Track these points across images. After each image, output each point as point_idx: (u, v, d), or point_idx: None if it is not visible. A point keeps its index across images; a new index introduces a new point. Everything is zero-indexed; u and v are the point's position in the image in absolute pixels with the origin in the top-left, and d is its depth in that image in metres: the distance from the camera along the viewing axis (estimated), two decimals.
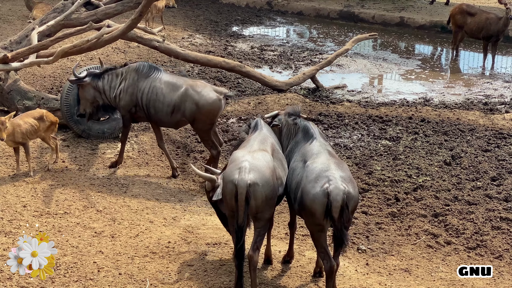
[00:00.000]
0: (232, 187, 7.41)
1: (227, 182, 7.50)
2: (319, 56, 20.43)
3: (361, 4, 27.67)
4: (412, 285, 8.33)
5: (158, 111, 10.98)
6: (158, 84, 11.01)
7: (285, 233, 9.40)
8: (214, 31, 23.61)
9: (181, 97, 10.89)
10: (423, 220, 10.10)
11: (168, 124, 11.37)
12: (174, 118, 11.03)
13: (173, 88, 10.98)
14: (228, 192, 7.48)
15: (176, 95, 10.91)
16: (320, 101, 15.95)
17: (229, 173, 7.54)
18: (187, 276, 8.13)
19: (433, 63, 21.20)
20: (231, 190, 7.42)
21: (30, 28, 14.59)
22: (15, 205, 9.69)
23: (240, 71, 16.09)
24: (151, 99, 10.96)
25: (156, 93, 10.94)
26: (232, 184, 7.41)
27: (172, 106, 10.91)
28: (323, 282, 8.07)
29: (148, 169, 11.52)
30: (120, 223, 9.46)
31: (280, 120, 8.51)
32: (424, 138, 13.48)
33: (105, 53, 18.22)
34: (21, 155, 10.92)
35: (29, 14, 22.24)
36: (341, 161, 7.80)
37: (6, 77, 13.02)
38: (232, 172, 7.49)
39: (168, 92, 10.94)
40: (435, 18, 25.19)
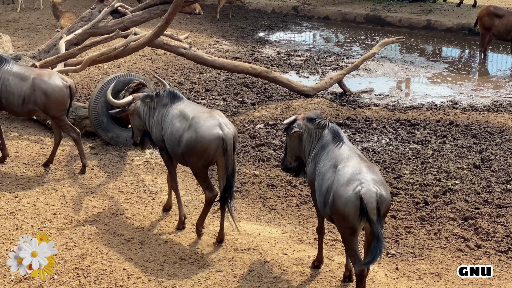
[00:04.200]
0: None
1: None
2: (346, 61, 20.39)
3: (387, 8, 27.59)
4: None
5: (9, 102, 11.11)
6: (7, 76, 11.10)
7: (313, 238, 9.38)
8: (240, 37, 23.63)
9: (30, 88, 11.01)
10: (453, 223, 10.03)
11: (22, 114, 11.55)
12: (26, 108, 11.15)
13: (22, 79, 11.08)
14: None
15: (26, 86, 11.02)
16: (347, 105, 15.91)
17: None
18: (216, 282, 8.14)
19: (461, 65, 21.07)
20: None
21: (58, 37, 14.69)
22: (45, 213, 9.76)
23: (267, 77, 16.09)
24: (1, 90, 11.07)
25: (6, 85, 11.05)
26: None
27: (23, 96, 11.02)
28: (353, 287, 8.05)
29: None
30: (149, 230, 9.49)
31: (300, 125, 8.41)
32: (452, 141, 13.40)
33: (132, 61, 18.30)
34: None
35: (56, 23, 22.40)
36: (372, 165, 7.77)
37: None
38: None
39: (17, 83, 11.05)
40: (462, 20, 25.06)
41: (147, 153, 12.10)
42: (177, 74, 18.09)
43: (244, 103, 15.87)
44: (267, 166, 12.02)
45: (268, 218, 10.16)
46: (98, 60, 13.18)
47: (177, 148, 9.23)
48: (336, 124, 8.25)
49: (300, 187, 11.20)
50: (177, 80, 17.45)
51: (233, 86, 17.24)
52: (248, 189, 11.15)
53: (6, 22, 23.48)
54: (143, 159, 11.98)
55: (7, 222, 9.35)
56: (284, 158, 8.82)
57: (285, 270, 8.48)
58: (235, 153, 9.30)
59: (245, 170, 11.84)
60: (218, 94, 16.47)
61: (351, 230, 7.37)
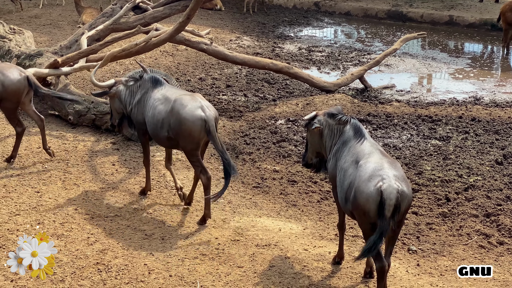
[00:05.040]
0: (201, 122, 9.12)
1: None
2: (367, 56, 20.36)
3: (409, 3, 27.50)
4: (464, 286, 8.23)
5: None
6: None
7: (334, 234, 9.36)
8: (261, 33, 23.63)
9: None
10: (475, 220, 9.98)
11: None
12: None
13: None
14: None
15: None
16: (368, 101, 15.87)
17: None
18: (237, 278, 8.14)
19: (483, 61, 20.95)
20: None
21: (80, 33, 14.75)
22: (67, 208, 9.79)
23: (288, 73, 16.08)
24: None
25: None
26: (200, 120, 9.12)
27: None
28: (374, 283, 8.03)
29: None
30: (170, 225, 9.50)
31: (320, 121, 8.39)
32: (474, 138, 13.33)
33: (153, 56, 18.34)
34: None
35: (78, 19, 22.50)
36: (394, 161, 7.73)
37: (56, 81, 13.18)
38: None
39: None
40: (485, 16, 24.93)
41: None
42: (198, 70, 18.11)
43: (265, 98, 15.87)
44: (288, 162, 12.01)
45: (289, 214, 10.16)
46: (119, 56, 13.20)
47: (160, 131, 9.67)
48: (357, 120, 8.22)
49: (321, 183, 11.18)
50: (198, 76, 17.48)
51: (254, 82, 17.25)
52: (269, 185, 11.15)
53: (29, 18, 23.62)
54: (164, 154, 12.00)
55: (29, 217, 9.40)
56: (305, 154, 8.80)
57: (305, 266, 8.48)
58: (218, 133, 9.58)
59: (266, 166, 11.84)
60: (239, 90, 16.48)
61: (372, 225, 7.35)
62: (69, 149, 11.94)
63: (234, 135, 13.33)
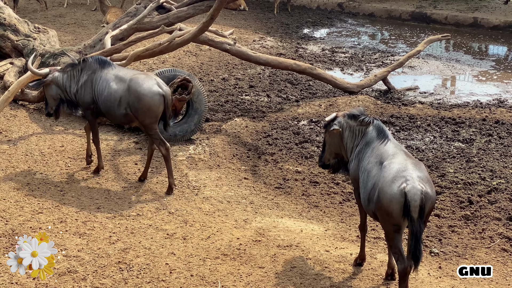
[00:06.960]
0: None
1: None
2: (391, 58, 20.30)
3: (433, 5, 27.40)
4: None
5: None
6: None
7: (356, 235, 9.34)
8: (285, 34, 23.63)
9: None
10: (498, 223, 9.92)
11: None
12: None
13: None
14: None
15: None
16: (391, 103, 15.82)
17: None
18: (258, 279, 8.14)
19: (508, 64, 20.83)
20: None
21: (104, 32, 14.82)
22: (89, 206, 9.84)
23: (311, 73, 16.06)
24: None
25: None
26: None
27: None
28: (395, 285, 8.00)
29: (220, 172, 11.55)
30: (191, 225, 9.52)
31: (340, 123, 8.37)
32: (498, 140, 13.26)
33: (177, 56, 18.39)
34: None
35: (102, 18, 22.59)
36: (418, 162, 7.70)
37: None
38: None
39: None
40: (510, 18, 24.80)
41: (190, 149, 12.15)
42: (221, 70, 18.14)
43: (288, 99, 15.86)
44: (310, 163, 12.00)
45: (310, 215, 10.15)
46: (143, 56, 13.25)
47: (117, 108, 10.39)
48: (380, 121, 8.20)
49: (343, 184, 11.16)
50: (221, 76, 17.50)
51: (277, 83, 17.24)
52: (291, 185, 11.15)
53: (53, 17, 23.75)
54: (186, 154, 12.02)
55: (52, 215, 9.44)
56: (322, 155, 8.78)
57: (327, 267, 8.46)
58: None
59: (288, 167, 11.84)
60: (262, 90, 16.48)
61: (395, 227, 7.32)
62: (92, 148, 11.98)
63: (257, 136, 13.33)
